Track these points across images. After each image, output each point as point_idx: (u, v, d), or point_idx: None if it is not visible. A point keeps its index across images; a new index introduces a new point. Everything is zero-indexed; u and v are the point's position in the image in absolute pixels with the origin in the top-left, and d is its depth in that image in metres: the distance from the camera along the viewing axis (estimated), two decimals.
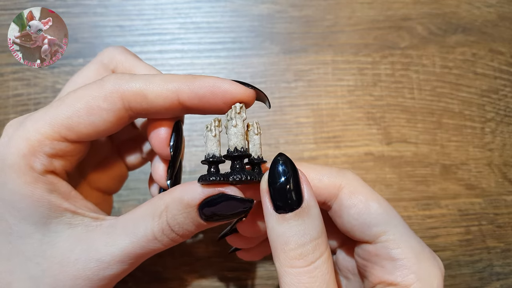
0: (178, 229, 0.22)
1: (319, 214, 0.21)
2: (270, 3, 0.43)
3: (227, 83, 0.22)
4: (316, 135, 0.41)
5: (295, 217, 0.20)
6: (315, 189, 0.24)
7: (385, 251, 0.23)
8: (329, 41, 0.43)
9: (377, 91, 0.42)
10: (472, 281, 0.39)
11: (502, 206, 0.41)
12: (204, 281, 0.38)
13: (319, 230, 0.20)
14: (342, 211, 0.24)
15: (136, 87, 0.22)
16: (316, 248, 0.20)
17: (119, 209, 0.39)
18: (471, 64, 0.43)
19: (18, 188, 0.21)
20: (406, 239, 0.23)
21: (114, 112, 0.22)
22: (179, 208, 0.22)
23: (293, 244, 0.20)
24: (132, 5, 0.43)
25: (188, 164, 0.40)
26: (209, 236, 0.38)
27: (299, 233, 0.20)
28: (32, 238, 0.22)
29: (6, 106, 0.40)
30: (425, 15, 0.44)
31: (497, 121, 0.42)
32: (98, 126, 0.22)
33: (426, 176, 0.41)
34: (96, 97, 0.22)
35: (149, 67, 0.26)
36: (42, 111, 0.22)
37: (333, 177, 0.24)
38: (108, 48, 0.27)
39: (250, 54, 0.42)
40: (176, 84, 0.22)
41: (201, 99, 0.22)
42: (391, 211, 0.24)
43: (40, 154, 0.21)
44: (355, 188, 0.24)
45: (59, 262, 0.22)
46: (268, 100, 0.24)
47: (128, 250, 0.22)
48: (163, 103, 0.22)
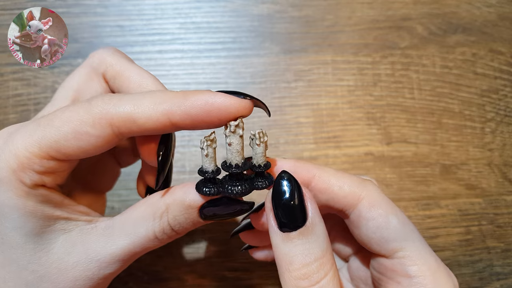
0: (179, 228, 0.23)
1: (324, 231, 0.21)
2: (270, 3, 0.43)
3: (220, 98, 0.21)
4: (316, 135, 0.41)
5: (300, 236, 0.20)
6: (334, 196, 0.24)
7: (401, 268, 0.23)
8: (329, 41, 0.43)
9: (377, 91, 0.42)
10: (472, 281, 0.39)
11: (502, 206, 0.41)
12: (204, 281, 0.38)
13: (323, 248, 0.20)
14: (361, 222, 0.23)
15: (125, 112, 0.21)
16: (320, 268, 0.20)
17: (119, 209, 0.39)
18: (471, 64, 0.43)
19: (9, 200, 0.21)
20: (423, 256, 0.23)
21: (103, 138, 0.21)
22: (181, 210, 0.22)
23: (297, 264, 0.20)
24: (132, 5, 0.43)
25: (188, 164, 0.40)
26: (209, 236, 0.38)
27: (304, 252, 0.20)
28: (24, 248, 0.22)
29: (6, 106, 0.40)
30: (425, 15, 0.44)
31: (497, 121, 0.42)
32: (87, 150, 0.21)
33: (426, 176, 0.41)
34: (84, 122, 0.21)
35: (140, 70, 0.25)
36: (30, 126, 0.21)
37: (354, 187, 0.23)
38: (98, 50, 0.26)
39: (250, 54, 0.42)
40: (166, 105, 0.21)
41: (194, 118, 0.21)
42: (409, 226, 0.23)
43: (29, 170, 0.21)
44: (375, 200, 0.23)
45: (56, 267, 0.22)
46: (267, 108, 0.23)
47: (128, 249, 0.22)
48: (154, 126, 0.21)
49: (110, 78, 0.26)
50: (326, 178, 0.23)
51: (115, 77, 0.25)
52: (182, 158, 0.40)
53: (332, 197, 0.24)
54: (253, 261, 0.38)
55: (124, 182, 0.39)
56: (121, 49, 0.41)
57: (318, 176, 0.24)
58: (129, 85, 0.25)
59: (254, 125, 0.41)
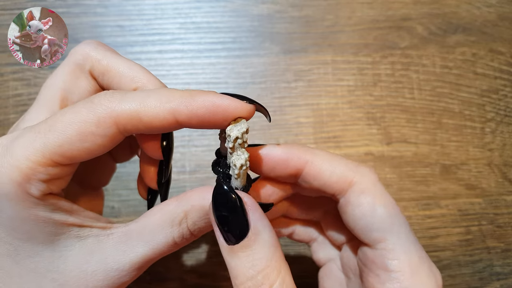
0: (198, 232, 0.23)
1: (269, 236, 0.20)
2: (270, 3, 0.43)
3: (226, 100, 0.21)
4: (316, 135, 0.41)
5: (242, 248, 0.20)
6: (325, 181, 0.23)
7: (382, 260, 0.22)
8: (329, 41, 0.43)
9: (377, 91, 0.42)
10: (472, 281, 0.39)
11: (502, 206, 0.41)
12: (204, 281, 0.38)
13: (268, 258, 0.20)
14: (347, 207, 0.23)
15: (130, 109, 0.20)
16: (265, 278, 0.20)
17: (119, 209, 0.39)
18: (471, 64, 0.43)
19: (18, 213, 0.20)
20: (405, 251, 0.22)
21: (109, 137, 0.21)
22: (200, 215, 0.22)
23: (242, 277, 0.20)
24: (132, 5, 0.43)
25: (188, 164, 0.40)
26: (209, 236, 0.38)
27: (247, 265, 0.20)
28: (42, 256, 0.22)
29: (6, 106, 0.40)
30: (425, 15, 0.44)
31: (497, 121, 0.42)
32: (92, 151, 0.21)
33: (426, 176, 0.41)
34: (88, 123, 0.20)
35: (129, 63, 0.24)
36: (29, 135, 0.20)
37: (346, 171, 0.23)
38: (79, 46, 0.25)
39: (250, 54, 0.42)
40: (173, 104, 0.21)
41: (200, 118, 0.21)
42: (397, 218, 0.23)
43: (35, 181, 0.20)
44: (366, 186, 0.23)
45: (76, 275, 0.22)
46: (268, 114, 0.23)
47: (147, 256, 0.22)
48: (160, 124, 0.21)
49: (98, 75, 0.25)
50: (318, 163, 0.23)
51: (103, 73, 0.24)
52: (182, 158, 0.40)
53: (324, 183, 0.23)
54: None
55: (125, 182, 0.39)
56: (121, 49, 0.42)
57: (310, 162, 0.23)
58: (120, 80, 0.24)
59: (254, 125, 0.41)
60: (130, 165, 0.39)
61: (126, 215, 0.38)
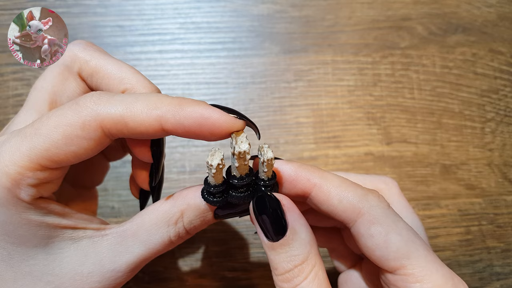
0: (193, 231, 0.23)
1: (306, 235, 0.21)
2: (270, 3, 0.43)
3: (216, 114, 0.20)
4: (316, 135, 0.41)
5: (281, 246, 0.21)
6: (334, 209, 0.23)
7: (403, 284, 0.22)
8: (329, 41, 0.43)
9: (377, 91, 0.42)
10: (472, 281, 0.39)
11: (502, 206, 0.41)
12: (204, 281, 0.38)
13: (304, 255, 0.21)
14: (359, 239, 0.23)
15: (116, 113, 0.20)
16: (301, 271, 0.21)
17: (119, 209, 0.39)
18: (471, 64, 0.43)
19: (10, 218, 0.20)
20: (426, 273, 0.21)
21: (95, 140, 0.20)
22: (196, 214, 0.23)
23: (280, 270, 0.21)
24: (132, 5, 0.43)
25: (188, 164, 0.40)
26: (209, 236, 0.38)
27: (286, 260, 0.21)
28: (36, 259, 0.22)
29: (6, 106, 0.40)
30: (425, 15, 0.44)
31: (497, 121, 0.42)
32: (79, 154, 0.21)
33: (426, 176, 0.41)
34: (74, 126, 0.20)
35: (118, 63, 0.24)
36: (15, 140, 0.20)
37: (354, 201, 0.22)
38: (68, 46, 0.24)
39: (250, 54, 0.42)
40: (160, 111, 0.20)
41: (186, 129, 0.20)
42: (413, 243, 0.22)
43: (24, 186, 0.20)
44: (376, 217, 0.22)
45: (72, 278, 0.22)
46: (258, 131, 0.23)
47: (143, 256, 0.23)
48: (145, 130, 0.20)
49: (87, 76, 0.24)
50: (326, 189, 0.23)
51: (92, 75, 0.24)
52: (182, 158, 0.40)
53: (331, 210, 0.23)
54: (253, 261, 0.38)
55: (125, 182, 0.39)
56: (121, 49, 0.42)
57: (319, 186, 0.23)
58: (109, 82, 0.24)
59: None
60: (130, 165, 0.39)
61: (126, 215, 0.38)
